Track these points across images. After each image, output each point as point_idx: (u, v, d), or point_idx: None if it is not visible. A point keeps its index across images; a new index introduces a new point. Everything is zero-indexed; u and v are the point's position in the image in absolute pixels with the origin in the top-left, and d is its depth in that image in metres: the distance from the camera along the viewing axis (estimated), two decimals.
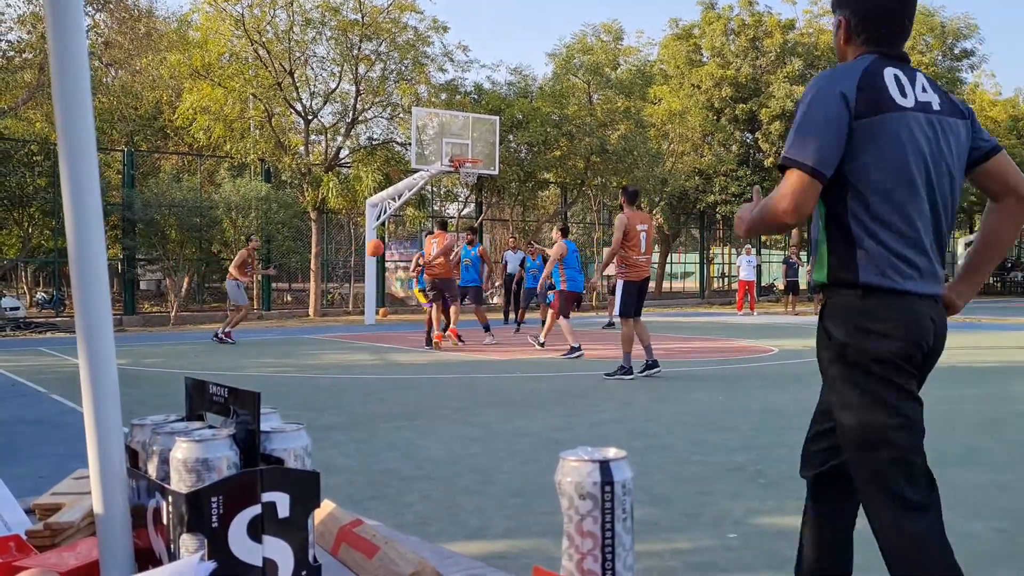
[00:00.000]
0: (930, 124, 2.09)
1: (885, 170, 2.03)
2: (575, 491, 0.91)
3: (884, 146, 2.03)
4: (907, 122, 2.05)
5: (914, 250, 2.07)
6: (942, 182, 2.13)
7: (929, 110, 2.10)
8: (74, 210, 1.12)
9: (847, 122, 2.02)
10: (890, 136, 2.03)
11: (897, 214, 2.05)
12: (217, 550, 1.04)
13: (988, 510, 3.96)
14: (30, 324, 16.95)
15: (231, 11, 20.32)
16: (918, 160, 2.06)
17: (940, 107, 2.13)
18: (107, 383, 1.13)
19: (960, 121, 2.17)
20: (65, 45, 1.11)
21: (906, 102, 2.07)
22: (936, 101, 2.13)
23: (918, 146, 2.06)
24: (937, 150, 2.10)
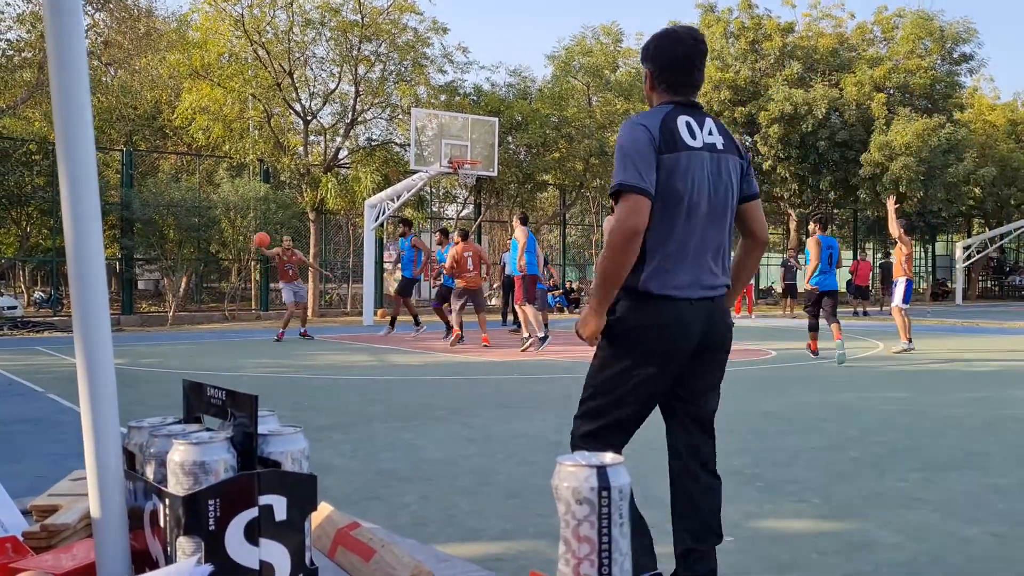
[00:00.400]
0: (714, 161, 2.61)
1: (673, 198, 2.54)
2: (572, 496, 0.91)
3: (677, 180, 2.53)
4: (695, 161, 2.56)
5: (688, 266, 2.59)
6: (726, 208, 2.66)
7: (714, 150, 2.62)
8: (72, 209, 1.12)
9: (655, 156, 2.52)
10: (684, 170, 2.54)
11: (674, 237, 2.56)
12: (214, 553, 1.04)
13: (986, 515, 3.97)
14: (27, 323, 16.93)
15: (231, 11, 20.32)
16: (701, 190, 2.58)
17: (723, 147, 2.66)
18: (104, 384, 1.13)
19: (739, 160, 2.72)
20: (64, 44, 1.11)
21: (695, 143, 2.58)
22: (720, 142, 2.66)
23: (702, 181, 2.58)
24: (716, 182, 2.62)
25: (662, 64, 2.69)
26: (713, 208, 2.61)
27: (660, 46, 2.71)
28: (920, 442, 5.69)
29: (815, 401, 7.50)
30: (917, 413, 6.87)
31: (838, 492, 4.38)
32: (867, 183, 28.77)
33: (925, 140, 27.58)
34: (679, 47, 2.68)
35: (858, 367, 10.42)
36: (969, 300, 33.16)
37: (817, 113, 28.16)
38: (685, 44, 2.68)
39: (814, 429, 6.15)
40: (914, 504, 4.15)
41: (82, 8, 1.16)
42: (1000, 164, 32.55)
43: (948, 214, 32.77)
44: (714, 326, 2.66)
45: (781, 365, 10.48)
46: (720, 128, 2.69)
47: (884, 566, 3.28)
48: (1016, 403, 7.47)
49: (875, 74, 29.84)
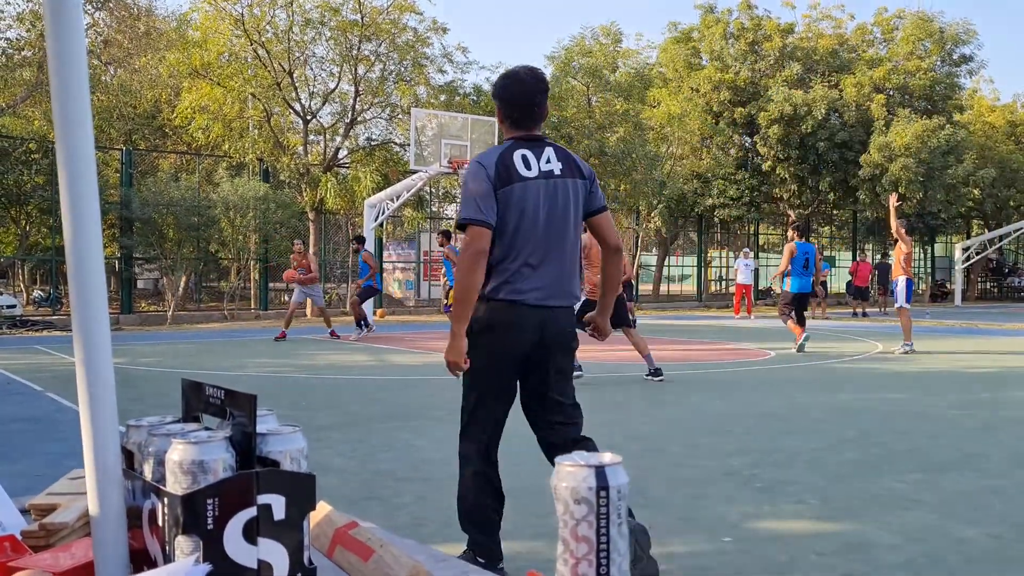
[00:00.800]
0: (550, 187, 3.00)
1: (513, 222, 2.95)
2: (570, 496, 0.91)
3: (515, 206, 2.94)
4: (530, 189, 2.97)
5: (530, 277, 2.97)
6: (567, 226, 3.03)
7: (551, 176, 3.01)
8: (71, 208, 1.12)
9: (495, 191, 2.93)
10: (519, 199, 2.95)
11: (516, 254, 2.96)
12: (212, 552, 1.04)
13: (984, 516, 3.97)
14: (27, 322, 16.93)
15: (231, 10, 20.31)
16: (540, 213, 2.97)
17: (562, 172, 3.04)
18: (103, 383, 1.13)
19: (580, 181, 3.08)
20: (64, 43, 1.11)
21: (530, 174, 2.98)
22: (558, 168, 3.04)
23: (538, 204, 2.97)
24: (554, 204, 3.00)
25: (506, 102, 3.09)
26: (553, 226, 3.00)
27: (504, 85, 3.09)
28: (918, 443, 5.69)
29: (813, 402, 7.50)
30: (915, 414, 6.87)
31: (836, 493, 4.38)
32: (866, 184, 28.77)
33: (925, 141, 27.58)
34: (520, 87, 3.07)
35: (856, 368, 10.43)
36: (968, 301, 33.17)
37: (817, 114, 28.16)
38: (526, 84, 3.07)
39: (812, 430, 6.15)
40: (912, 505, 4.15)
41: (82, 7, 1.16)
42: (999, 165, 32.56)
43: (947, 215, 32.77)
44: (557, 328, 3.05)
45: (780, 366, 10.49)
46: (561, 155, 3.07)
47: (882, 567, 3.28)
48: (1014, 404, 7.48)
49: (875, 75, 29.85)
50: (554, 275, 3.02)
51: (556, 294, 3.03)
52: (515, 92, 3.08)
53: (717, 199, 29.60)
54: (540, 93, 3.09)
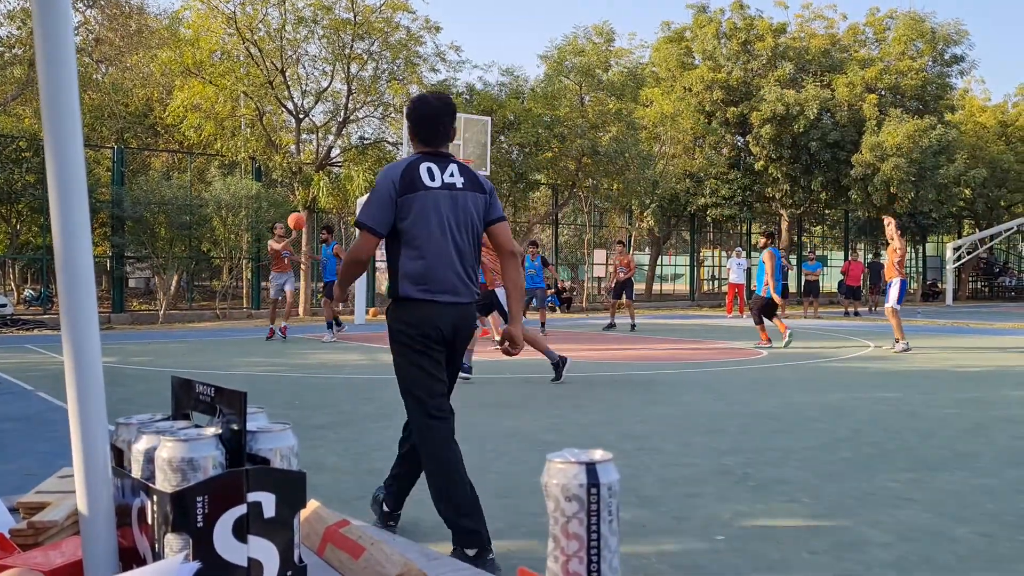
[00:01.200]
0: (452, 197, 3.32)
1: (416, 228, 3.27)
2: (561, 493, 0.91)
3: (419, 213, 3.27)
4: (433, 198, 3.29)
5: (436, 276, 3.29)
6: (463, 232, 3.35)
7: (453, 188, 3.34)
8: (60, 207, 1.11)
9: (394, 198, 3.26)
10: (422, 207, 3.27)
11: (421, 256, 3.28)
12: (202, 550, 1.04)
13: (975, 515, 3.98)
14: (17, 321, 16.86)
15: (223, 9, 20.26)
16: (440, 220, 3.29)
17: (463, 185, 3.37)
18: (92, 381, 1.12)
19: (479, 195, 3.42)
20: (52, 41, 1.10)
21: (434, 184, 3.30)
22: (460, 182, 3.37)
23: (440, 212, 3.29)
24: (455, 213, 3.33)
25: (415, 122, 3.43)
26: (453, 233, 3.33)
27: (414, 107, 3.46)
28: (910, 442, 5.71)
29: (806, 401, 7.52)
30: (907, 413, 6.89)
31: (829, 492, 4.39)
32: (858, 184, 28.86)
33: (916, 141, 27.68)
34: (427, 108, 3.43)
35: (849, 368, 10.46)
36: (959, 301, 33.30)
37: (809, 114, 28.24)
38: (432, 107, 3.43)
39: (805, 429, 6.16)
40: (904, 504, 4.16)
41: (72, 5, 1.15)
42: (990, 165, 32.71)
43: (939, 215, 32.89)
44: (460, 323, 3.37)
45: (772, 365, 10.51)
46: (463, 170, 3.42)
47: (874, 565, 3.29)
48: (1006, 404, 7.51)
49: (867, 75, 29.94)
50: (454, 274, 3.34)
51: (459, 292, 3.36)
52: (423, 113, 3.42)
53: (709, 198, 29.65)
54: (445, 115, 3.43)
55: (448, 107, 3.45)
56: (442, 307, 3.31)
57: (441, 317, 3.30)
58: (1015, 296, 38.49)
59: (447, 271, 3.31)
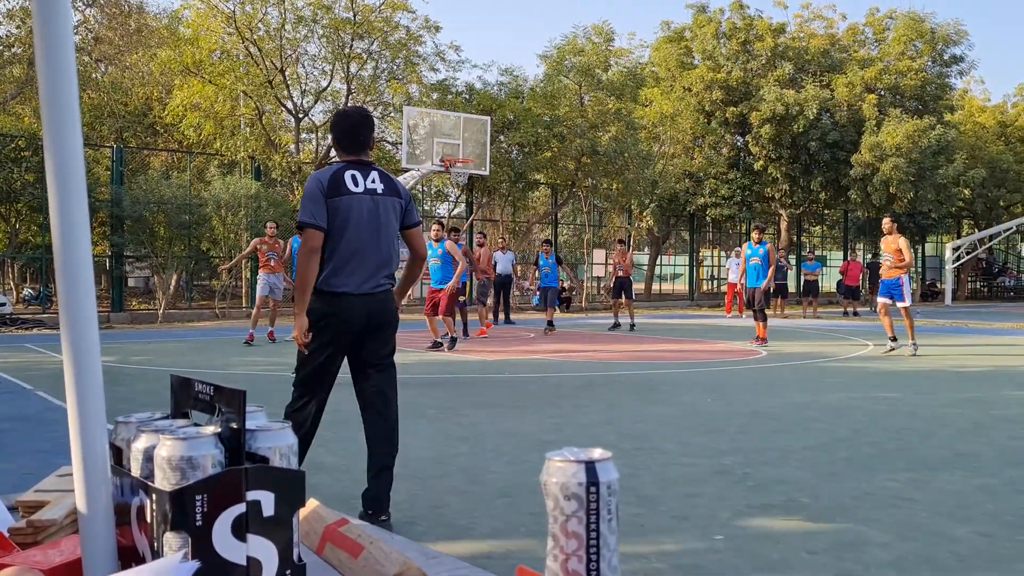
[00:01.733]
0: (373, 201, 3.77)
1: (339, 228, 3.70)
2: (560, 492, 0.91)
3: (343, 215, 3.70)
4: (356, 202, 3.73)
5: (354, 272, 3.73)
6: (385, 234, 3.80)
7: (374, 194, 3.79)
8: (59, 206, 1.11)
9: (324, 200, 3.69)
10: (346, 209, 3.71)
11: (343, 253, 3.71)
12: (201, 549, 1.03)
13: (975, 514, 3.98)
14: (16, 320, 16.84)
15: (222, 8, 20.26)
16: (363, 222, 3.73)
17: (383, 191, 3.81)
18: (91, 380, 1.12)
19: (397, 200, 3.87)
20: (51, 40, 1.10)
21: (357, 190, 3.75)
22: (380, 188, 3.81)
23: (362, 215, 3.73)
24: (375, 216, 3.77)
25: (338, 134, 3.87)
26: (372, 234, 3.75)
27: (335, 121, 3.92)
28: (910, 442, 5.71)
29: (805, 401, 7.52)
30: (907, 413, 6.90)
31: (828, 492, 4.39)
32: (858, 184, 28.86)
33: (915, 141, 27.68)
34: (348, 122, 3.87)
35: (848, 368, 10.46)
36: (958, 301, 33.31)
37: (808, 114, 28.24)
38: (353, 119, 3.88)
39: (804, 429, 6.16)
40: (903, 503, 4.16)
41: (72, 4, 1.15)
42: (989, 166, 32.71)
43: (938, 215, 32.88)
44: (377, 311, 3.79)
45: (771, 365, 10.51)
46: (383, 178, 3.85)
47: (873, 565, 3.29)
48: (1006, 403, 7.51)
49: (866, 75, 29.94)
50: (373, 268, 3.77)
51: (375, 285, 3.78)
52: (343, 126, 3.86)
53: (709, 198, 29.64)
54: (363, 127, 3.85)
55: (366, 119, 3.90)
56: (357, 299, 3.74)
57: (355, 307, 3.73)
58: (1014, 296, 38.50)
59: (364, 267, 3.74)
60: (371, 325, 3.80)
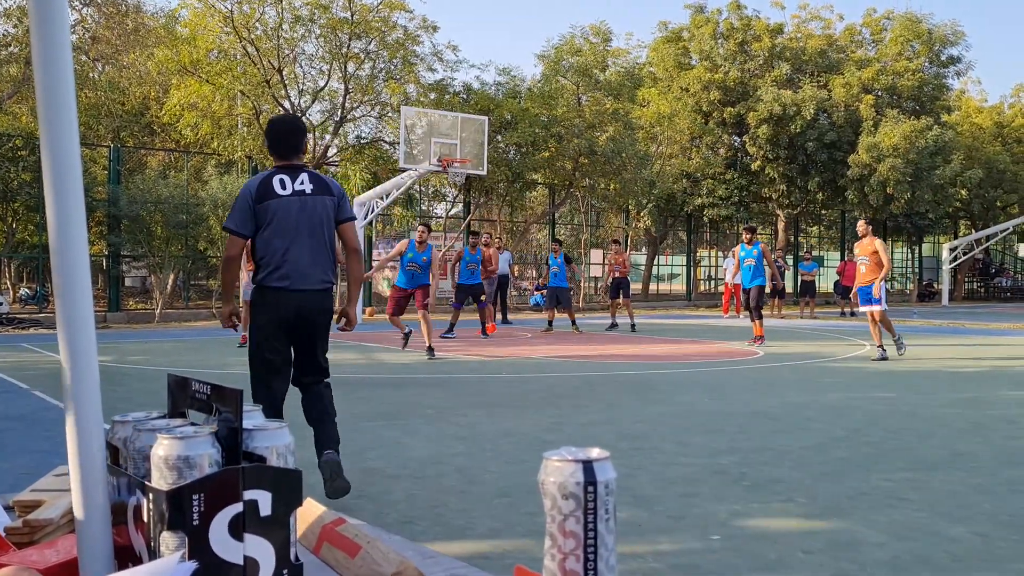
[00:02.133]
0: (301, 202, 4.05)
1: (271, 229, 4.01)
2: (558, 491, 0.91)
3: (272, 217, 4.00)
4: (284, 203, 4.02)
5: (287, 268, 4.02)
6: (317, 231, 4.08)
7: (303, 195, 4.07)
8: (56, 205, 1.11)
9: (252, 206, 4.01)
10: (275, 211, 4.01)
11: (276, 252, 4.01)
12: (198, 548, 1.03)
13: (971, 514, 3.99)
14: (13, 320, 16.82)
15: (220, 7, 20.23)
16: (293, 222, 4.02)
17: (312, 191, 4.08)
18: (87, 380, 1.12)
19: (328, 198, 4.13)
20: (48, 39, 1.10)
21: (285, 192, 4.04)
22: (309, 188, 4.08)
23: (290, 215, 4.02)
24: (305, 215, 4.05)
25: (270, 140, 4.20)
26: (304, 233, 4.03)
27: (269, 127, 4.25)
28: (907, 442, 5.72)
29: (803, 401, 7.53)
30: (904, 413, 6.90)
31: (825, 491, 4.40)
32: (855, 184, 28.88)
33: (913, 142, 27.71)
34: (280, 129, 4.20)
35: (846, 368, 10.47)
36: (955, 301, 33.34)
37: (805, 114, 28.25)
38: (284, 126, 4.21)
39: (801, 429, 6.17)
40: (900, 503, 4.17)
41: (69, 3, 1.15)
42: (986, 166, 32.75)
43: (935, 216, 32.94)
44: (311, 307, 4.08)
45: (769, 365, 10.52)
46: (313, 178, 4.13)
47: (869, 565, 3.30)
48: (1003, 404, 7.52)
49: (863, 76, 29.96)
50: (306, 265, 4.04)
51: (308, 280, 4.06)
52: (274, 133, 4.18)
53: (706, 198, 29.66)
54: (294, 134, 4.16)
55: (297, 126, 4.25)
56: (291, 293, 4.03)
57: (291, 302, 4.03)
58: (1011, 296, 38.56)
59: (297, 263, 4.02)
60: (307, 319, 4.09)
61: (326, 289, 4.14)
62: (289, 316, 4.04)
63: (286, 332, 4.09)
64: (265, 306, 4.07)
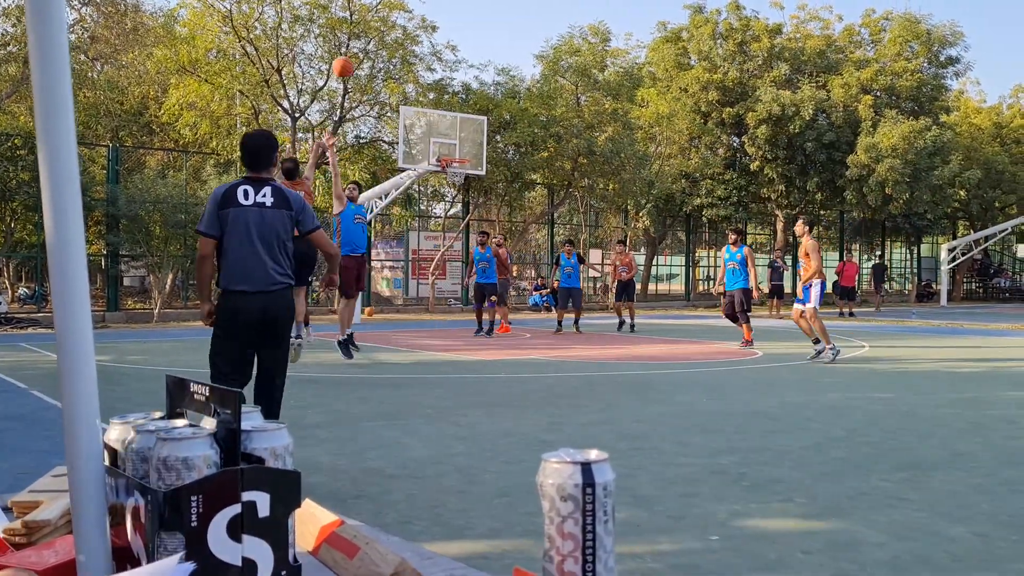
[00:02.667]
0: (260, 214, 4.41)
1: (231, 235, 4.37)
2: (556, 493, 0.90)
3: (232, 224, 4.38)
4: (244, 212, 4.39)
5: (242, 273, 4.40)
6: (271, 240, 4.43)
7: (263, 207, 4.42)
8: (53, 205, 1.11)
9: (216, 211, 4.39)
10: (235, 219, 4.38)
11: (233, 257, 4.40)
12: (196, 549, 1.03)
13: (970, 514, 3.99)
14: (11, 319, 16.81)
15: (219, 7, 20.23)
16: (251, 230, 4.38)
17: (272, 204, 4.44)
18: (85, 380, 1.11)
19: (286, 211, 4.50)
20: (45, 39, 1.10)
21: (247, 203, 4.40)
22: (270, 201, 4.43)
23: (248, 224, 4.39)
24: (264, 226, 4.42)
25: (242, 153, 4.58)
26: (258, 241, 4.39)
27: (242, 142, 4.61)
28: (906, 442, 5.72)
29: (802, 401, 7.53)
30: (903, 413, 6.91)
31: (824, 491, 4.40)
32: (853, 185, 28.89)
33: (911, 142, 27.72)
34: (250, 143, 4.55)
35: (845, 368, 10.47)
36: (954, 302, 33.36)
37: (804, 115, 28.26)
38: (254, 142, 4.54)
39: (801, 429, 6.17)
40: (899, 503, 4.17)
41: (68, 2, 1.15)
42: (985, 167, 32.76)
43: (933, 216, 32.95)
44: (269, 309, 4.44)
45: (768, 365, 10.52)
46: (275, 192, 4.46)
47: (869, 565, 3.30)
48: (1002, 404, 7.52)
49: (862, 76, 29.97)
50: (262, 270, 4.39)
51: (259, 283, 4.40)
52: (246, 146, 4.54)
53: (705, 199, 29.66)
54: (263, 149, 4.50)
55: (265, 143, 4.56)
56: (249, 296, 4.39)
57: (248, 304, 4.39)
58: (1009, 297, 38.57)
59: (252, 269, 4.38)
60: (266, 319, 4.45)
61: (279, 290, 4.47)
62: (246, 318, 4.41)
63: (243, 332, 4.44)
64: (227, 307, 4.45)
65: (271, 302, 4.44)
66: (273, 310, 4.45)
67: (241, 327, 4.43)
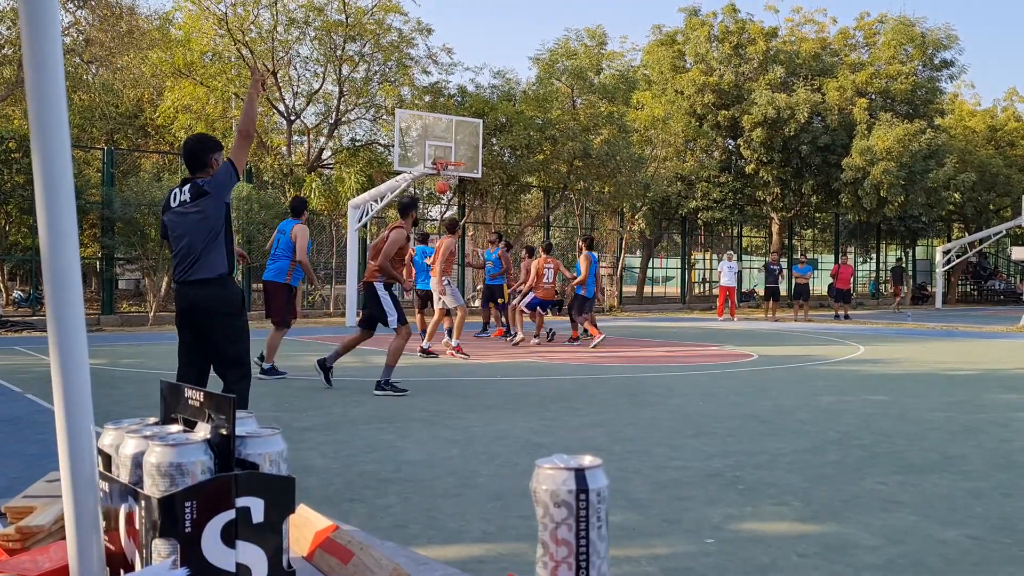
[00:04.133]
0: (183, 212, 4.78)
1: (169, 236, 4.86)
2: (550, 499, 0.91)
3: (168, 226, 4.93)
4: (171, 215, 4.85)
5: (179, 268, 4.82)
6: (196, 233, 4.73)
7: (184, 205, 4.78)
8: (47, 208, 1.11)
9: (163, 217, 4.95)
10: (168, 221, 4.88)
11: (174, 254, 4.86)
12: (190, 556, 1.03)
13: (964, 518, 4.00)
14: (5, 323, 16.76)
15: (214, 10, 20.22)
16: (176, 228, 4.81)
17: (188, 199, 4.76)
18: (79, 384, 1.11)
19: (203, 200, 4.72)
20: (39, 42, 1.10)
21: (174, 204, 4.84)
22: (188, 198, 4.76)
23: (175, 223, 4.81)
24: (187, 223, 4.75)
25: (183, 156, 4.91)
26: (183, 237, 4.77)
27: (183, 145, 4.99)
28: (899, 445, 5.73)
29: (796, 404, 7.54)
30: (897, 416, 6.92)
31: (818, 494, 4.40)
32: (848, 187, 28.95)
33: (906, 145, 27.78)
34: (185, 146, 4.90)
35: (839, 371, 10.49)
36: (949, 304, 33.44)
37: (799, 117, 28.32)
38: (187, 145, 4.88)
39: (795, 432, 6.18)
40: (893, 507, 4.18)
41: (63, 5, 1.15)
42: (980, 170, 32.85)
43: (928, 219, 33.02)
44: (199, 301, 4.76)
45: (762, 368, 10.53)
46: (192, 188, 4.75)
47: (863, 568, 3.30)
48: (995, 407, 7.54)
49: (857, 79, 30.04)
50: (190, 264, 4.75)
51: (193, 274, 4.73)
52: (184, 150, 4.87)
53: (701, 201, 29.69)
54: (193, 152, 4.79)
55: (197, 145, 4.83)
56: (184, 287, 4.79)
57: (185, 298, 4.80)
58: (1004, 299, 38.67)
59: (184, 263, 4.76)
60: (200, 309, 4.76)
61: (213, 280, 4.75)
62: (185, 307, 4.80)
63: (188, 323, 4.81)
64: (176, 300, 4.93)
65: (197, 296, 4.76)
66: (200, 302, 4.76)
67: (179, 318, 4.85)
